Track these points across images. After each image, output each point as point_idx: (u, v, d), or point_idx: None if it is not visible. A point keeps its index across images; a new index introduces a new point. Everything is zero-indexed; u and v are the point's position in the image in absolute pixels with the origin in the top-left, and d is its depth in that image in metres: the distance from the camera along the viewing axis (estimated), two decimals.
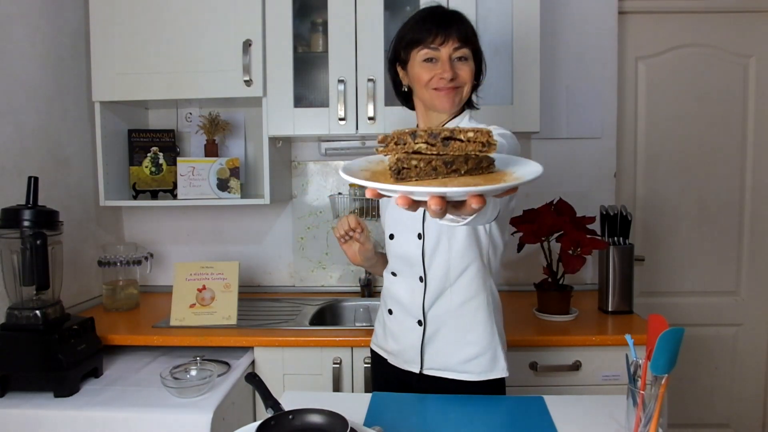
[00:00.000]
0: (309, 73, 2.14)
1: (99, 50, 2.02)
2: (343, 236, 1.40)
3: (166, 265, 2.39)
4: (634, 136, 2.41)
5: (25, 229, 1.50)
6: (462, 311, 1.31)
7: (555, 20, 2.26)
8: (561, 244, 1.85)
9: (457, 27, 1.23)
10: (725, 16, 2.35)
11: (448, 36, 1.22)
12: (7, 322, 1.53)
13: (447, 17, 1.25)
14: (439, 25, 1.23)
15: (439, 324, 1.32)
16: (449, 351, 1.32)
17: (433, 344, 1.33)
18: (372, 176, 0.65)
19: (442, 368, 1.33)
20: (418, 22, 1.26)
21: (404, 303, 1.35)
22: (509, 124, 1.92)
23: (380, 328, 1.46)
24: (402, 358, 1.37)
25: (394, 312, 1.39)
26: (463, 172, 0.64)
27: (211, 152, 2.19)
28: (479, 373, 1.30)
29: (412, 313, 1.34)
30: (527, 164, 0.67)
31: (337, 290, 2.36)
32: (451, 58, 1.23)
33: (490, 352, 1.31)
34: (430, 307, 1.32)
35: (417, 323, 1.33)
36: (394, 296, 1.38)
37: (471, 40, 1.26)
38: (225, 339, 1.77)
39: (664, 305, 2.40)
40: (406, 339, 1.36)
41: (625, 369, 1.04)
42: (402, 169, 0.62)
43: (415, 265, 1.32)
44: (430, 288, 1.31)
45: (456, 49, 1.23)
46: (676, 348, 0.95)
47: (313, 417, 0.99)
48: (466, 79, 1.25)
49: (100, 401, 1.47)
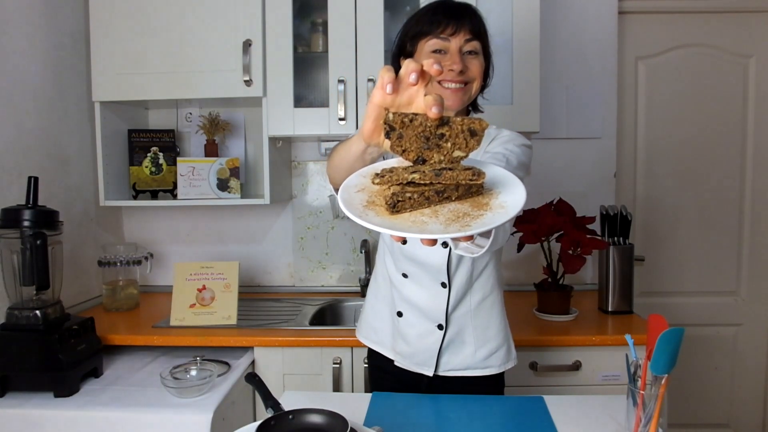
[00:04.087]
0: (309, 73, 2.14)
1: (99, 50, 2.02)
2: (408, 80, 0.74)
3: (166, 265, 2.39)
4: (634, 136, 2.41)
5: (25, 229, 1.49)
6: (480, 310, 1.33)
7: (555, 20, 2.26)
8: (561, 244, 1.85)
9: (470, 19, 1.17)
10: (725, 16, 2.35)
11: (460, 27, 1.16)
12: (7, 322, 1.53)
13: (460, 9, 1.19)
14: (450, 16, 1.16)
15: (460, 326, 1.32)
16: (471, 350, 1.32)
17: (453, 346, 1.32)
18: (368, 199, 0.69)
19: (462, 368, 1.33)
20: (428, 12, 1.20)
21: (421, 307, 1.31)
22: (509, 124, 1.92)
23: (385, 327, 1.40)
24: (413, 360, 1.34)
25: (405, 314, 1.34)
26: (454, 198, 0.66)
27: (211, 152, 2.19)
28: (499, 366, 1.34)
29: (432, 317, 1.31)
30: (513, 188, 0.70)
31: (337, 290, 2.36)
32: (461, 51, 1.17)
33: (506, 343, 1.37)
34: (453, 310, 1.31)
35: (437, 327, 1.31)
36: (407, 299, 1.33)
37: (482, 35, 1.20)
38: (225, 339, 1.77)
39: (664, 305, 2.40)
40: (420, 342, 1.32)
41: (625, 369, 1.04)
42: (397, 202, 0.66)
43: (438, 272, 1.28)
44: (454, 293, 1.29)
45: (467, 41, 1.17)
46: (676, 348, 0.95)
47: (313, 417, 0.98)
48: (476, 74, 1.19)
49: (100, 401, 1.47)
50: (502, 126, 1.31)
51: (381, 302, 1.42)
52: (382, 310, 1.41)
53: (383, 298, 1.41)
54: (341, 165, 0.91)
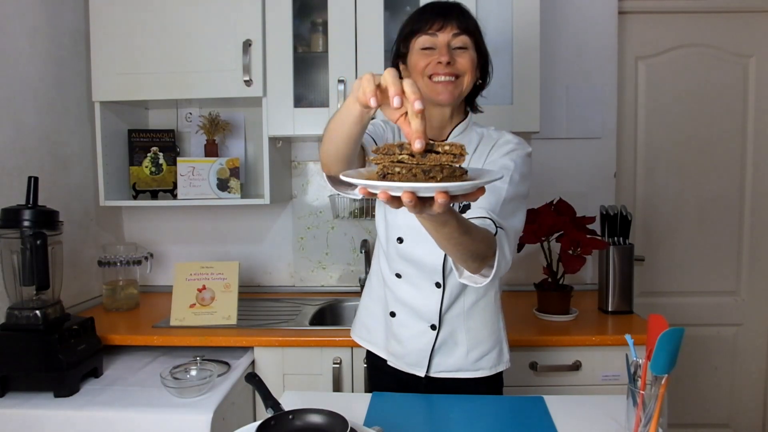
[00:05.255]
0: (309, 73, 2.14)
1: (99, 50, 2.02)
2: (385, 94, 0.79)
3: (166, 265, 2.39)
4: (634, 136, 2.41)
5: (25, 229, 1.49)
6: (474, 311, 1.33)
7: (555, 20, 2.26)
8: (561, 244, 1.85)
9: (457, 16, 1.20)
10: (725, 16, 2.35)
11: (446, 22, 1.19)
12: (7, 322, 1.53)
13: (447, 7, 1.23)
14: (437, 13, 1.20)
15: (453, 327, 1.32)
16: (463, 352, 1.32)
17: (446, 347, 1.32)
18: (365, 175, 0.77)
19: (454, 369, 1.33)
20: (417, 12, 1.25)
21: (415, 307, 1.32)
22: (509, 124, 1.93)
23: (378, 327, 1.41)
24: (405, 361, 1.35)
25: (398, 315, 1.35)
26: (439, 179, 0.71)
27: (211, 152, 2.19)
28: (490, 368, 1.35)
29: (425, 317, 1.32)
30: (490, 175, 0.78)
31: (337, 290, 2.36)
32: (449, 45, 1.19)
33: (498, 345, 1.37)
34: (446, 311, 1.31)
35: (430, 327, 1.32)
36: (400, 299, 1.34)
37: (471, 31, 1.22)
38: (225, 339, 1.77)
39: (664, 305, 2.40)
40: (413, 343, 1.33)
41: (625, 369, 1.04)
42: (386, 174, 0.73)
43: (433, 272, 1.28)
44: (448, 293, 1.30)
45: (455, 35, 1.19)
46: (676, 348, 0.95)
47: (313, 417, 0.99)
48: (465, 67, 1.20)
49: (100, 401, 1.47)
50: (503, 126, 1.32)
51: (374, 302, 1.43)
52: (376, 310, 1.42)
53: (377, 298, 1.42)
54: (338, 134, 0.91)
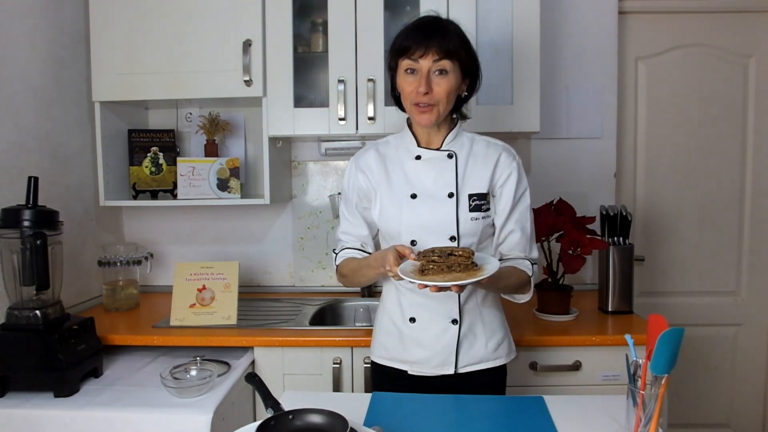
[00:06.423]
0: (309, 73, 2.14)
1: (99, 50, 2.02)
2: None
3: (166, 265, 2.39)
4: (634, 136, 2.41)
5: (25, 229, 1.49)
6: (486, 302, 1.41)
7: (555, 20, 2.26)
8: (561, 244, 1.86)
9: (438, 40, 1.25)
10: (725, 16, 2.35)
11: (428, 49, 1.25)
12: (7, 322, 1.53)
13: (432, 29, 1.27)
14: (422, 38, 1.26)
15: (471, 319, 1.38)
16: (482, 342, 1.38)
17: (467, 341, 1.37)
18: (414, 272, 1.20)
19: (477, 361, 1.38)
20: (408, 30, 1.30)
21: (434, 307, 1.36)
22: (509, 124, 1.93)
23: (393, 340, 1.42)
24: (431, 363, 1.37)
25: (418, 319, 1.37)
26: (458, 271, 1.17)
27: (211, 152, 2.19)
28: (505, 357, 1.44)
29: (445, 314, 1.36)
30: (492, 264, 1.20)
31: (337, 290, 2.35)
32: (430, 72, 1.26)
33: (507, 336, 1.47)
34: (465, 303, 1.37)
35: (451, 323, 1.36)
36: (419, 303, 1.37)
37: (454, 52, 1.27)
38: (225, 339, 1.77)
39: (664, 305, 2.40)
40: (436, 343, 1.36)
41: (625, 369, 1.04)
42: (424, 269, 1.19)
43: None
44: None
45: (435, 61, 1.26)
46: (676, 348, 0.95)
47: (313, 417, 0.99)
48: (440, 96, 1.27)
49: (100, 401, 1.47)
50: (503, 126, 1.33)
51: (387, 317, 1.45)
52: (388, 325, 1.44)
53: (392, 308, 1.43)
54: (361, 282, 1.44)
